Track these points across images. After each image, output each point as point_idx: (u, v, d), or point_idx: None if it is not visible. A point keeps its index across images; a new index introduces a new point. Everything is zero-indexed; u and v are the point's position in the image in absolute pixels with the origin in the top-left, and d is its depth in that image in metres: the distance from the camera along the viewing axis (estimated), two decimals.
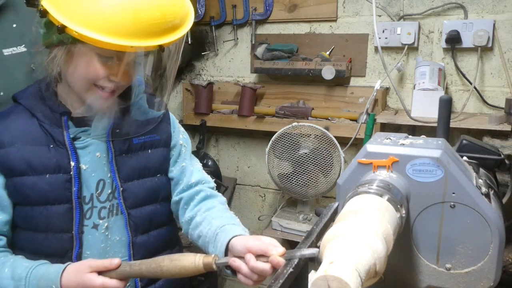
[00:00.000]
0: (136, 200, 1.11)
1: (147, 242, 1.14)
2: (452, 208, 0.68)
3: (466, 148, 0.99)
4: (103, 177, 1.08)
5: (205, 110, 2.34)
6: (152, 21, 0.89)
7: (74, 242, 1.04)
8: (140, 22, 0.88)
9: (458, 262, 0.69)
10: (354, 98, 2.13)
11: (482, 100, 1.94)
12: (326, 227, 0.69)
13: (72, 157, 1.03)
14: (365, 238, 0.53)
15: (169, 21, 0.92)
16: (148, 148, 1.14)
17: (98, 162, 1.07)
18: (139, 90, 1.12)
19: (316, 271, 0.50)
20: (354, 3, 2.09)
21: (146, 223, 1.13)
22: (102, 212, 1.08)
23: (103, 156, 1.08)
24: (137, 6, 0.88)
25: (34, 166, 1.02)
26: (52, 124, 1.04)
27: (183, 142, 1.22)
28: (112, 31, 0.87)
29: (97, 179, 1.07)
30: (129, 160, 1.10)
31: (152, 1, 0.89)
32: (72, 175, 1.03)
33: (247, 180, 2.51)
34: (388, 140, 0.75)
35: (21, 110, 1.05)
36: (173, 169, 1.19)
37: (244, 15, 2.28)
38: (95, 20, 0.87)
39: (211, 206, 1.16)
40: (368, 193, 0.64)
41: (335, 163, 1.93)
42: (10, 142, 1.02)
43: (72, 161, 1.03)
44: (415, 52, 2.02)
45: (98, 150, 1.07)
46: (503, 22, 1.85)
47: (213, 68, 2.46)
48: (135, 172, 1.11)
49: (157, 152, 1.16)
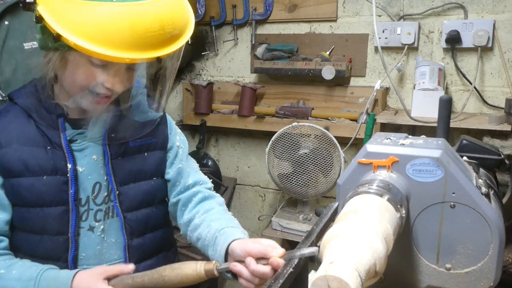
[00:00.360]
0: (132, 204, 1.11)
1: (143, 244, 1.13)
2: (452, 208, 0.68)
3: (466, 148, 0.99)
4: (99, 180, 1.07)
5: (205, 110, 2.34)
6: (149, 33, 0.86)
7: (70, 245, 1.04)
8: (137, 34, 0.84)
9: (458, 262, 0.69)
10: (354, 98, 2.13)
11: (482, 100, 1.94)
12: (326, 227, 0.69)
13: (69, 159, 1.03)
14: (365, 238, 0.53)
15: (167, 32, 0.88)
16: (145, 151, 1.13)
17: (95, 165, 1.06)
18: (136, 93, 1.10)
19: (316, 271, 0.50)
20: (354, 3, 2.09)
21: (142, 226, 1.13)
22: (98, 214, 1.07)
23: (100, 159, 1.07)
24: (134, 17, 0.84)
25: (31, 168, 1.01)
26: (48, 126, 1.03)
27: (179, 144, 1.21)
28: (108, 42, 0.84)
29: (93, 181, 1.06)
30: (125, 164, 1.10)
31: (151, 12, 0.86)
32: (69, 177, 1.02)
33: (247, 180, 2.51)
34: (388, 140, 0.74)
35: (18, 110, 1.04)
36: (170, 170, 1.18)
37: (244, 15, 2.28)
38: (91, 30, 0.84)
39: (209, 207, 1.15)
40: (368, 193, 0.64)
41: (335, 163, 1.93)
42: (7, 142, 1.01)
43: (69, 163, 1.02)
44: (415, 52, 2.02)
45: (94, 153, 1.06)
46: (503, 22, 1.85)
47: (213, 68, 2.46)
48: (131, 176, 1.11)
49: (153, 155, 1.15)
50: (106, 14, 0.83)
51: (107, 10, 0.83)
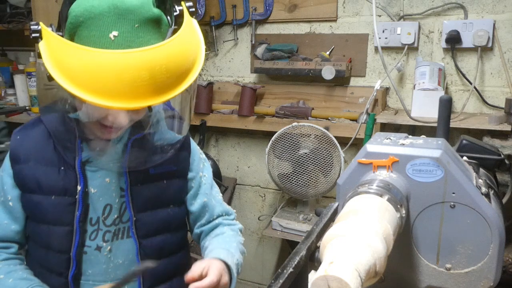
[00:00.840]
0: (148, 231, 1.10)
1: (157, 270, 1.11)
2: (452, 208, 0.68)
3: (466, 148, 0.99)
4: (110, 202, 1.07)
5: (205, 110, 2.34)
6: (138, 82, 0.79)
7: (71, 264, 1.05)
8: (124, 83, 0.79)
9: (458, 262, 0.69)
10: (354, 98, 2.13)
11: (482, 100, 1.94)
12: (326, 227, 0.69)
13: (80, 181, 1.03)
14: (365, 238, 0.53)
15: (160, 81, 0.81)
16: (164, 179, 1.11)
17: (107, 188, 1.06)
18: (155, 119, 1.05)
19: (316, 271, 0.50)
20: (354, 3, 2.09)
21: (157, 252, 1.12)
22: (107, 235, 1.08)
23: (113, 181, 1.06)
24: (122, 65, 0.78)
25: (43, 186, 1.03)
26: (65, 146, 1.03)
27: (203, 173, 1.19)
28: (94, 89, 0.79)
29: (104, 203, 1.06)
30: (144, 191, 1.08)
31: (140, 60, 0.79)
32: (77, 198, 1.03)
33: (247, 180, 2.51)
34: (388, 140, 0.74)
35: (42, 128, 1.06)
36: (194, 202, 1.18)
37: (244, 15, 2.28)
38: (78, 76, 0.80)
39: (220, 232, 1.19)
40: (368, 193, 0.64)
41: (335, 163, 1.93)
42: (25, 159, 1.04)
43: (79, 185, 1.03)
44: (415, 52, 2.02)
45: (108, 175, 1.06)
46: (503, 22, 1.85)
47: (213, 68, 2.46)
48: (149, 203, 1.10)
49: (172, 184, 1.13)
50: (93, 61, 0.79)
51: (95, 56, 0.79)
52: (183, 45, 0.86)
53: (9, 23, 2.37)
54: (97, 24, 0.82)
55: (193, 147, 1.19)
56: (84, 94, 0.80)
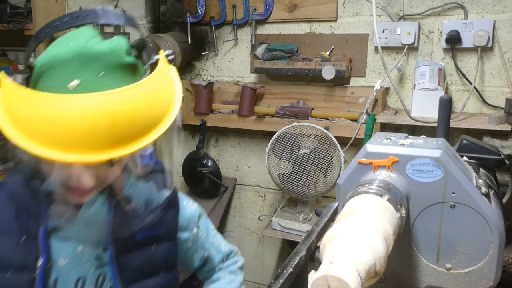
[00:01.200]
0: None
1: None
2: (452, 208, 0.68)
3: (466, 148, 0.99)
4: (82, 275, 0.91)
5: (205, 110, 2.34)
6: (96, 132, 0.68)
7: None
8: (79, 132, 0.68)
9: (458, 262, 0.69)
10: (354, 98, 2.13)
11: (482, 100, 1.94)
12: (326, 227, 0.69)
13: (43, 254, 0.86)
14: (365, 238, 0.53)
15: (123, 131, 0.70)
16: (153, 243, 0.98)
17: (79, 258, 0.90)
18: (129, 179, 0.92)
19: (316, 271, 0.50)
20: (354, 3, 2.09)
21: None
22: None
23: (86, 250, 0.91)
24: (77, 112, 0.68)
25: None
26: (29, 214, 0.88)
27: (198, 230, 1.09)
28: (45, 139, 0.68)
29: (76, 276, 0.90)
30: (131, 260, 0.94)
31: (99, 105, 0.69)
32: (36, 276, 0.86)
33: (247, 180, 2.51)
34: (388, 140, 0.75)
35: (3, 193, 0.91)
36: (195, 258, 1.11)
37: (244, 15, 2.28)
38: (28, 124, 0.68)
39: (218, 277, 1.16)
40: (368, 193, 0.64)
41: (335, 163, 1.93)
42: None
43: (41, 258, 0.86)
44: (415, 52, 2.02)
45: (80, 244, 0.90)
46: (503, 22, 1.85)
47: (213, 68, 2.46)
48: (138, 273, 0.96)
49: (161, 248, 0.99)
50: (45, 109, 0.68)
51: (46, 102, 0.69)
52: (153, 90, 0.76)
53: (9, 23, 2.37)
54: (60, 73, 0.73)
55: (181, 204, 1.06)
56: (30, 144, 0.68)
